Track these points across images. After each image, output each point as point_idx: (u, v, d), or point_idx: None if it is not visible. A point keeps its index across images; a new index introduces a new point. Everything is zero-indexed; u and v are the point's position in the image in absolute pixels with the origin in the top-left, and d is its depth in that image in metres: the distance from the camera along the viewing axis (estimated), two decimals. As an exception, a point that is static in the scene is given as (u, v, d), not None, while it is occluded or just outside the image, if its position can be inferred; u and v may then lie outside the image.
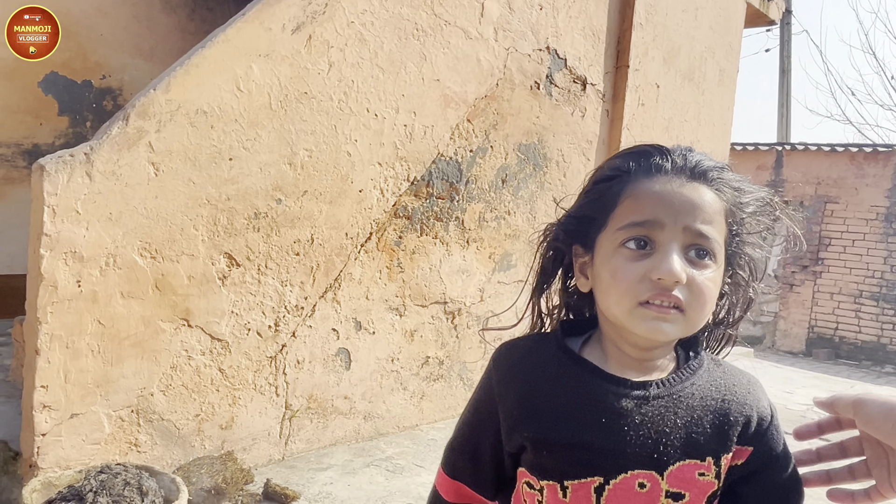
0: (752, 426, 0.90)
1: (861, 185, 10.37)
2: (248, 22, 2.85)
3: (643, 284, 0.83)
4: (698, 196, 0.86)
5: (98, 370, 2.58)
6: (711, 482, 0.87)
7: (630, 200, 0.87)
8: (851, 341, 10.48)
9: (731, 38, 6.04)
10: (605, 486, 0.85)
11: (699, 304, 0.85)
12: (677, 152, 0.90)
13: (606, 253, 0.88)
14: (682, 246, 0.84)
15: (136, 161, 2.58)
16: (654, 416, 0.86)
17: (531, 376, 0.92)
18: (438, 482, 1.06)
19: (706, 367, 0.93)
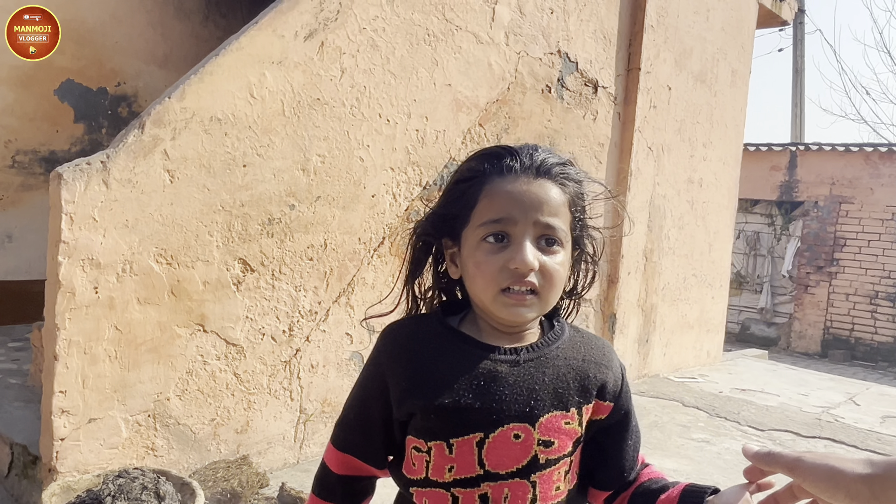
0: (609, 385, 1.04)
1: (876, 185, 10.29)
2: (261, 30, 2.87)
3: (503, 273, 0.96)
4: (544, 192, 0.99)
5: (115, 375, 2.61)
6: (575, 430, 1.02)
7: (487, 200, 0.99)
8: (867, 342, 10.40)
9: (744, 38, 6.03)
10: (486, 440, 0.97)
11: (550, 286, 0.99)
12: (524, 152, 1.02)
13: (471, 246, 1.00)
14: (534, 237, 0.97)
15: (152, 168, 2.61)
16: (525, 376, 1.00)
17: (416, 351, 1.04)
18: (328, 457, 1.16)
19: (568, 334, 1.07)
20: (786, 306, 11.26)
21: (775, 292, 11.36)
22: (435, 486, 1.00)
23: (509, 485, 0.98)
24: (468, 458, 0.98)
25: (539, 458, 0.99)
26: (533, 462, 0.98)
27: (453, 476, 0.99)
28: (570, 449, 1.02)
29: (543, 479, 1.00)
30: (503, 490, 0.98)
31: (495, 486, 0.98)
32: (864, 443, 4.59)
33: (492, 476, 0.98)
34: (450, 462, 0.98)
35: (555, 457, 1.00)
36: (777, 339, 11.23)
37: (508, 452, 0.98)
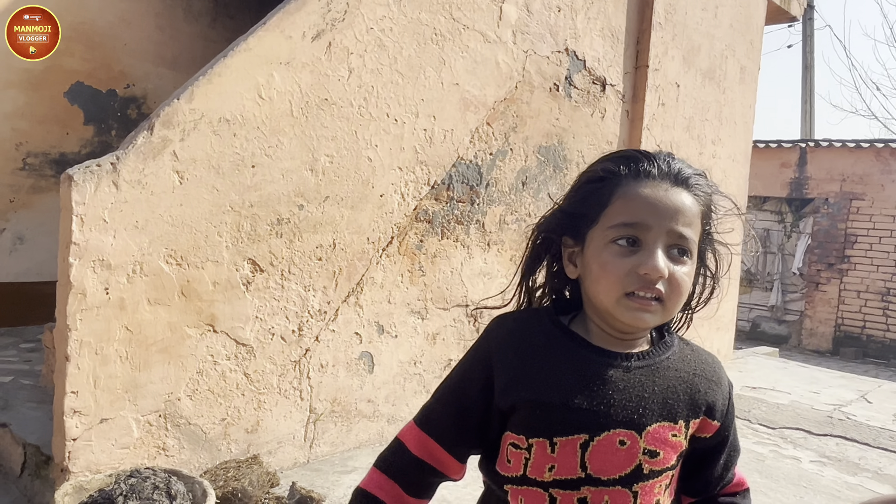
0: (718, 404, 1.04)
1: (887, 181, 10.22)
2: (269, 30, 2.88)
3: (630, 277, 0.95)
4: (681, 201, 0.98)
5: (126, 376, 2.62)
6: (681, 443, 1.01)
7: (621, 202, 0.98)
8: (879, 340, 10.33)
9: (752, 35, 6.00)
10: (590, 443, 0.96)
11: (676, 296, 0.97)
12: (661, 158, 1.01)
13: (597, 247, 0.99)
14: (665, 245, 0.96)
15: (161, 170, 2.63)
16: (635, 383, 0.99)
17: (526, 344, 1.03)
18: (405, 435, 1.11)
19: (678, 345, 1.07)
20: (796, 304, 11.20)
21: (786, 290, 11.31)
22: (533, 484, 0.98)
23: (610, 492, 0.97)
24: (570, 459, 0.96)
25: (643, 467, 0.97)
26: (637, 471, 0.97)
27: (553, 476, 0.97)
28: (674, 462, 1.01)
29: (645, 491, 0.98)
30: (603, 496, 0.97)
31: (595, 492, 0.97)
32: (877, 441, 4.57)
33: (593, 480, 0.96)
34: (551, 461, 0.97)
35: (659, 468, 0.99)
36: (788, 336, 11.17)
37: (613, 458, 0.96)
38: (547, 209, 1.13)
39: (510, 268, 4.19)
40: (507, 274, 4.17)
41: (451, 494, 3.10)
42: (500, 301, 1.21)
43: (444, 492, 3.13)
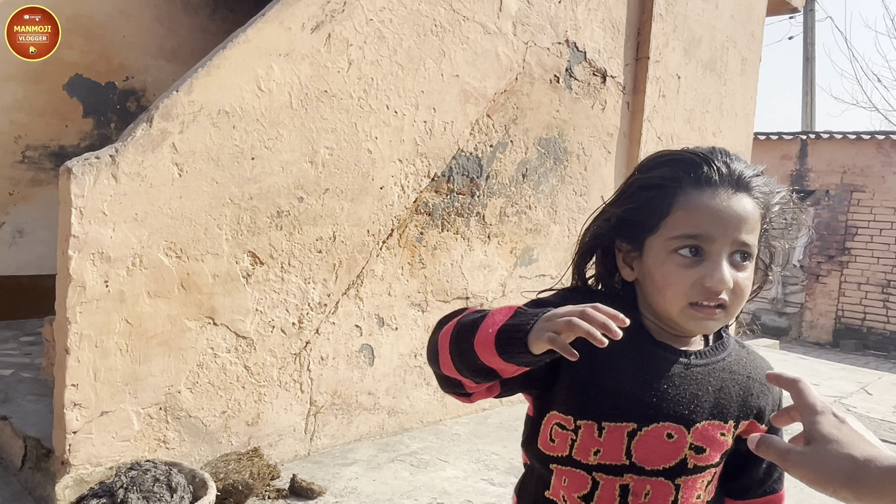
0: (768, 409, 1.04)
1: (888, 172, 10.20)
2: (268, 22, 2.87)
3: (694, 289, 0.95)
4: (743, 209, 0.96)
5: (126, 368, 2.62)
6: (728, 442, 1.01)
7: (683, 213, 0.96)
8: (879, 332, 10.34)
9: (753, 26, 5.98)
10: (638, 432, 0.97)
11: (739, 301, 0.97)
12: (720, 160, 0.98)
13: (658, 256, 0.98)
14: (729, 254, 0.96)
15: (161, 162, 2.62)
16: (691, 379, 1.00)
17: None
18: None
19: (734, 347, 1.07)
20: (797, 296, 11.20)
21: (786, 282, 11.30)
22: (577, 466, 0.99)
23: (652, 482, 0.98)
24: (616, 445, 0.97)
25: (688, 462, 0.98)
26: (681, 465, 0.98)
27: (598, 460, 0.98)
28: (718, 460, 1.02)
29: (687, 485, 0.99)
30: (645, 486, 0.98)
31: (638, 480, 0.98)
32: (878, 432, 4.57)
33: (637, 469, 0.97)
34: (597, 445, 0.98)
35: (703, 464, 1.00)
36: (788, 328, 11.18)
37: (658, 450, 0.97)
38: (596, 208, 1.10)
39: (510, 260, 4.18)
40: (508, 266, 4.17)
41: (452, 486, 3.11)
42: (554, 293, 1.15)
43: (445, 484, 3.15)
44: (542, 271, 4.41)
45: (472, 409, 4.10)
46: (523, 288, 4.30)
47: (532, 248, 4.31)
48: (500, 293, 4.14)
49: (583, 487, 0.99)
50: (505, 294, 4.17)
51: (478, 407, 4.13)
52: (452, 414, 4.01)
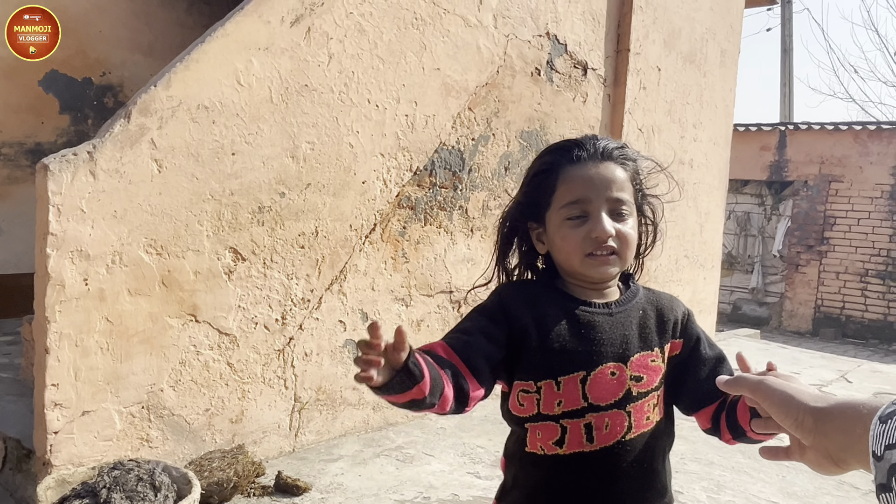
0: (678, 325, 1.27)
1: (865, 163, 10.32)
2: (247, 15, 2.84)
3: (586, 242, 1.18)
4: (610, 172, 1.21)
5: (108, 367, 2.59)
6: (660, 366, 1.23)
7: (564, 186, 1.21)
8: (858, 320, 10.47)
9: (732, 18, 6.01)
10: (588, 377, 1.17)
11: (626, 246, 1.21)
12: (588, 142, 1.23)
13: (555, 224, 1.22)
14: (608, 210, 1.19)
15: (140, 158, 2.59)
16: (617, 324, 1.21)
17: (530, 303, 1.23)
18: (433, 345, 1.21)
19: (641, 290, 1.30)
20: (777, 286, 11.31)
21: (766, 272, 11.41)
22: (546, 419, 1.18)
23: (609, 415, 1.17)
24: (574, 393, 1.17)
25: (632, 391, 1.19)
26: (627, 395, 1.18)
27: (562, 409, 1.17)
28: (657, 384, 1.22)
29: (636, 410, 1.19)
30: (604, 420, 1.17)
31: (597, 416, 1.17)
32: (857, 419, 4.62)
33: (594, 408, 1.17)
34: (558, 397, 1.17)
35: (644, 390, 1.20)
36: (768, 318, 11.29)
37: (607, 387, 1.17)
38: (507, 204, 1.35)
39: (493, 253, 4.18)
40: (491, 259, 4.16)
41: (438, 480, 3.11)
42: (484, 281, 1.40)
43: (431, 478, 3.15)
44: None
45: (457, 402, 4.10)
46: (507, 281, 4.30)
47: (515, 241, 4.31)
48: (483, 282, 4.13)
49: (554, 435, 1.18)
50: (489, 288, 4.16)
51: (463, 400, 4.13)
52: (437, 408, 4.00)
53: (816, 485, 3.39)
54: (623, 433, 1.18)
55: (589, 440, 1.17)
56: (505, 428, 1.30)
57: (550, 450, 1.19)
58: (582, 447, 1.17)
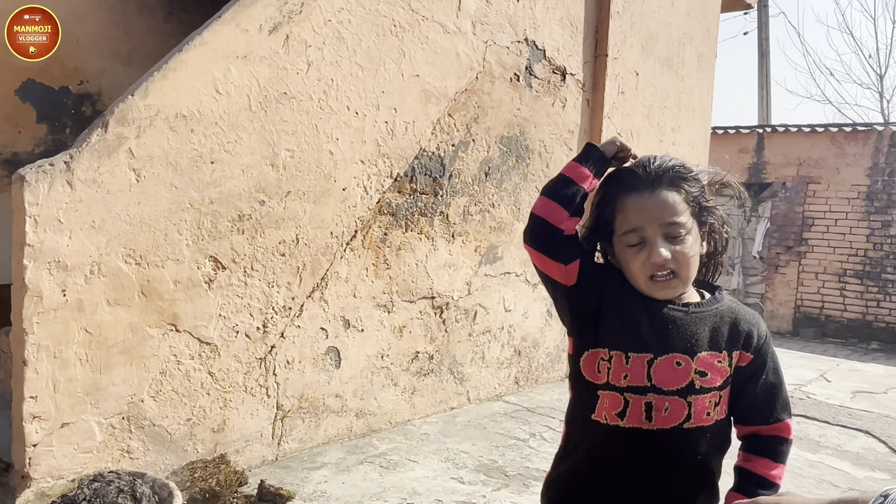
0: (753, 339, 1.35)
1: (842, 164, 10.44)
2: (225, 24, 2.84)
3: (646, 266, 1.29)
4: (662, 199, 1.30)
5: (87, 379, 2.57)
6: (725, 369, 1.32)
7: (622, 215, 1.32)
8: (837, 320, 10.57)
9: (709, 23, 6.07)
10: (654, 361, 1.28)
11: (686, 266, 1.30)
12: (640, 167, 1.33)
13: (620, 248, 1.33)
14: (663, 235, 1.28)
15: (117, 168, 2.57)
16: (690, 323, 1.31)
17: (619, 283, 1.35)
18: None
19: (726, 300, 1.39)
20: (757, 286, 11.40)
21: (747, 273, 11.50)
22: (613, 389, 1.29)
23: (669, 400, 1.27)
24: (639, 370, 1.27)
25: (695, 383, 1.28)
26: (690, 386, 1.28)
27: (627, 383, 1.28)
28: (720, 384, 1.30)
29: (697, 402, 1.28)
30: (664, 403, 1.27)
31: (658, 399, 1.27)
32: (836, 418, 4.68)
33: (656, 390, 1.27)
34: (626, 371, 1.28)
35: (707, 386, 1.29)
36: (749, 319, 11.37)
37: (671, 374, 1.27)
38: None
39: (475, 259, 4.20)
40: (472, 265, 4.18)
41: (421, 486, 3.11)
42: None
43: (415, 484, 3.15)
44: (507, 269, 4.43)
45: (441, 408, 4.10)
46: (489, 286, 4.31)
47: (496, 246, 4.33)
48: (465, 292, 4.15)
49: (618, 406, 1.29)
50: (471, 293, 4.19)
51: (446, 406, 4.13)
52: (420, 414, 4.01)
53: (797, 483, 3.43)
54: (682, 421, 1.28)
55: (648, 418, 1.27)
56: (488, 433, 1.48)
57: (613, 420, 1.29)
58: (641, 423, 1.28)
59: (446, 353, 4.11)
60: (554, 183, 1.37)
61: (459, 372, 4.21)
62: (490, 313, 4.39)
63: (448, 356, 4.12)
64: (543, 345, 4.86)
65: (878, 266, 10.21)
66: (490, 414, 4.17)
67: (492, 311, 4.40)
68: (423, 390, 4.00)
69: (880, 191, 10.16)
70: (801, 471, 3.62)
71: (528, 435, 3.84)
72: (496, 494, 3.07)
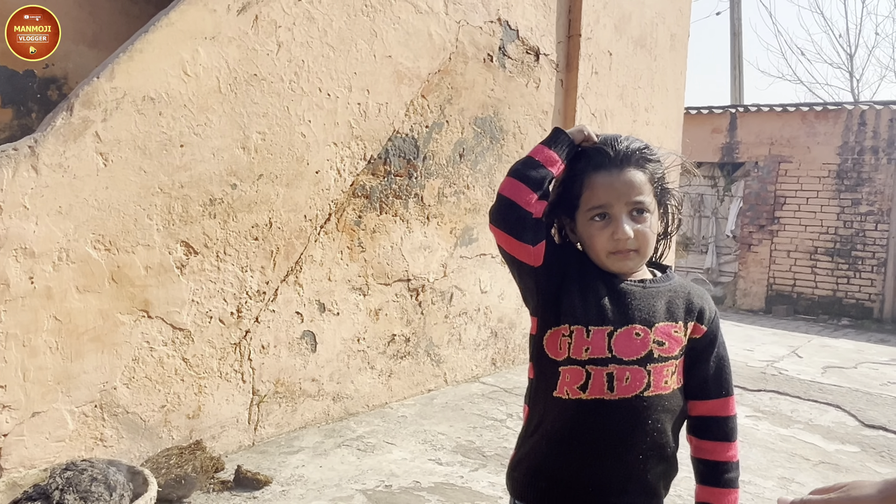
0: (706, 313, 1.40)
1: (813, 143, 10.55)
2: (192, 4, 2.78)
3: (609, 242, 1.32)
4: (629, 178, 1.34)
5: (58, 367, 2.54)
6: (681, 338, 1.36)
7: (589, 191, 1.35)
8: (809, 297, 10.73)
9: (681, 3, 6.08)
10: (615, 333, 1.31)
11: (646, 244, 1.35)
12: (610, 146, 1.35)
13: (583, 223, 1.36)
14: (627, 212, 1.33)
15: (84, 152, 2.52)
16: (647, 296, 1.36)
17: (578, 259, 1.39)
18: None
19: (677, 278, 1.44)
20: (730, 265, 11.52)
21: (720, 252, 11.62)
22: (574, 363, 1.31)
23: (630, 369, 1.30)
24: (600, 343, 1.30)
25: (654, 352, 1.31)
26: (649, 355, 1.31)
27: (588, 356, 1.30)
28: (677, 353, 1.35)
29: (656, 371, 1.32)
30: (625, 373, 1.30)
31: (619, 369, 1.30)
32: (807, 393, 4.75)
33: (617, 360, 1.30)
34: (587, 344, 1.30)
35: (665, 355, 1.33)
36: (723, 297, 11.51)
37: (631, 344, 1.30)
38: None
39: (450, 240, 4.19)
40: (448, 247, 4.17)
41: (399, 468, 3.11)
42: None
43: (393, 466, 3.15)
44: (483, 251, 4.43)
45: (418, 390, 4.11)
46: (464, 268, 4.31)
47: (472, 227, 4.32)
48: (441, 273, 4.14)
49: (580, 379, 1.31)
50: (447, 275, 4.18)
51: (423, 388, 4.14)
52: (398, 396, 4.01)
53: (769, 458, 3.48)
54: (642, 388, 1.31)
55: (610, 388, 1.30)
56: (465, 414, 1.49)
57: (575, 394, 1.32)
58: (603, 394, 1.30)
59: (423, 336, 4.10)
60: (522, 164, 1.38)
61: (436, 354, 4.21)
62: (466, 295, 4.39)
63: (425, 338, 4.12)
64: (520, 326, 4.88)
65: (849, 244, 10.36)
66: (467, 395, 4.19)
67: (468, 292, 4.40)
68: (399, 373, 4.00)
69: (850, 169, 10.29)
70: (773, 445, 3.68)
71: (505, 415, 3.86)
72: (474, 475, 3.09)
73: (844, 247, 10.38)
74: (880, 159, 10.04)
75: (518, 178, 1.36)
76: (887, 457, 3.62)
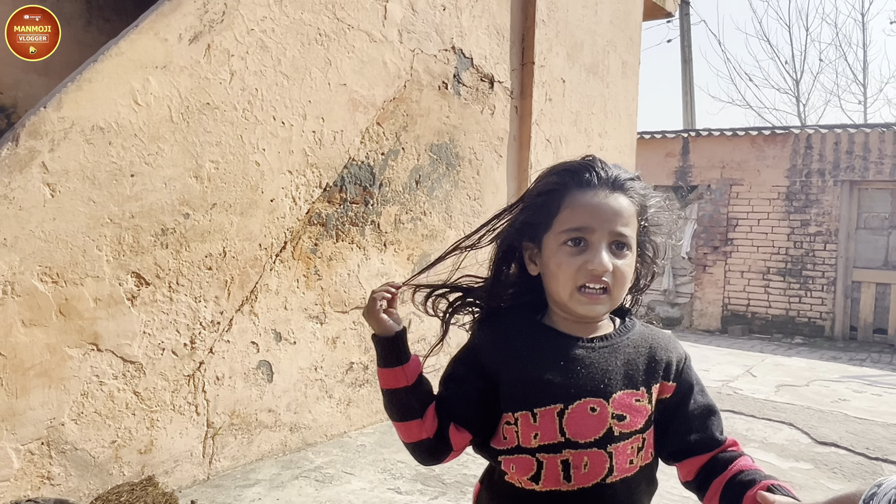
0: (672, 367, 1.21)
1: (762, 166, 10.84)
2: (142, 33, 2.77)
3: (580, 273, 1.13)
4: (618, 205, 1.15)
5: (2, 403, 2.46)
6: (646, 407, 1.16)
7: (568, 210, 1.15)
8: (763, 316, 10.95)
9: (632, 31, 6.22)
10: (565, 411, 1.12)
11: (620, 285, 1.15)
12: (599, 167, 1.18)
13: (552, 248, 1.17)
14: (608, 243, 1.14)
15: (30, 183, 2.48)
16: (599, 359, 1.16)
17: (505, 336, 1.22)
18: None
19: (638, 327, 1.25)
20: (687, 286, 11.72)
21: (676, 273, 11.81)
22: (523, 452, 1.14)
23: (588, 453, 1.12)
24: (550, 426, 1.12)
25: (614, 430, 1.13)
26: (609, 434, 1.12)
27: (538, 442, 1.13)
28: (642, 426, 1.16)
29: (618, 452, 1.13)
30: (583, 458, 1.12)
31: (576, 454, 1.12)
32: (762, 412, 4.83)
33: (572, 444, 1.12)
34: (535, 430, 1.13)
35: (628, 431, 1.14)
36: (680, 318, 11.68)
37: (586, 423, 1.12)
38: (500, 217, 1.29)
39: (408, 267, 4.19)
40: (405, 273, 4.17)
41: (358, 499, 3.07)
42: (437, 347, 1.45)
43: (352, 497, 3.11)
44: (441, 277, 4.43)
45: (377, 419, 4.08)
46: (422, 294, 4.30)
47: (429, 254, 4.33)
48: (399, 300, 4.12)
49: (529, 469, 1.14)
50: (404, 301, 4.16)
51: (383, 416, 4.10)
52: (357, 425, 3.97)
53: (725, 478, 3.52)
54: (603, 475, 1.12)
55: (566, 478, 1.12)
56: None
57: (527, 485, 1.14)
58: (559, 485, 1.12)
59: (381, 363, 4.07)
60: (385, 404, 1.29)
61: (395, 381, 4.18)
62: (425, 321, 4.38)
63: (383, 366, 4.09)
64: (479, 351, 4.87)
65: (799, 263, 10.62)
66: (427, 422, 4.15)
67: (426, 318, 4.39)
68: (358, 401, 3.96)
69: (798, 191, 10.59)
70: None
71: (465, 441, 3.84)
72: (434, 503, 3.06)
73: (795, 266, 10.64)
74: (827, 181, 10.35)
75: (397, 420, 1.27)
76: (839, 473, 3.69)
